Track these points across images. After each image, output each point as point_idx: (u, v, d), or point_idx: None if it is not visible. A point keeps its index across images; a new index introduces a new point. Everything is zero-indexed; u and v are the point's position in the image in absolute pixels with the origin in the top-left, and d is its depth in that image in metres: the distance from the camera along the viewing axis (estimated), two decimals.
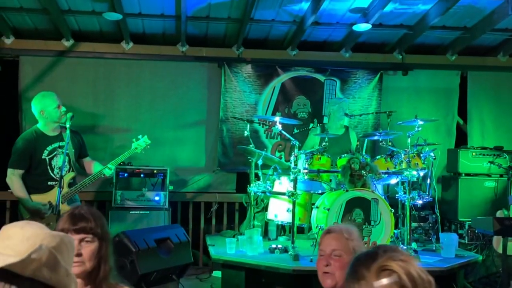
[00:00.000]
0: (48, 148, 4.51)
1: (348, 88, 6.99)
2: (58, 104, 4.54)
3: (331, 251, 2.36)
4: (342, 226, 2.48)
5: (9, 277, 1.22)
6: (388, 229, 4.86)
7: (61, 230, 2.07)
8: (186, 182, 6.77)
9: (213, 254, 5.05)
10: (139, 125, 6.65)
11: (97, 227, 2.09)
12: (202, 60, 6.81)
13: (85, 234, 2.07)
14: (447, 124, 7.17)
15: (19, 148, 4.51)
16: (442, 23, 6.27)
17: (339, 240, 2.37)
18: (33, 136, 4.52)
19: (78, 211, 2.14)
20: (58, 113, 4.52)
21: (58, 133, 4.60)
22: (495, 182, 6.32)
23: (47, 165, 4.49)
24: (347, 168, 5.04)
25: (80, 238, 2.07)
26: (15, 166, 4.48)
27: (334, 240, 2.38)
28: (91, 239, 2.08)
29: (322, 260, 2.36)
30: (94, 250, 2.07)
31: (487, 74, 7.21)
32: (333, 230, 2.42)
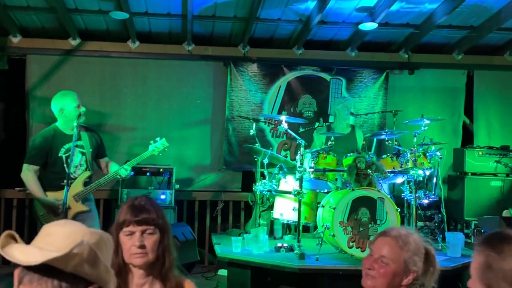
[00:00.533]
0: (65, 146, 4.50)
1: (354, 87, 6.98)
2: (78, 103, 4.54)
3: (380, 256, 2.17)
4: (402, 231, 2.23)
5: (52, 272, 1.24)
6: None
7: (123, 221, 2.07)
8: (192, 180, 6.78)
9: (219, 253, 5.06)
10: (145, 124, 6.69)
11: (158, 218, 2.08)
12: (208, 59, 6.82)
13: (147, 225, 2.06)
14: (453, 124, 7.15)
15: (36, 145, 4.51)
16: (449, 22, 6.25)
17: (391, 248, 2.17)
18: (51, 134, 4.52)
19: (138, 202, 2.11)
20: (77, 112, 4.52)
21: (77, 132, 4.58)
22: (501, 181, 6.30)
23: (63, 163, 4.49)
24: (353, 167, 5.03)
25: (142, 230, 2.06)
26: (31, 161, 4.49)
27: (387, 245, 2.18)
28: (153, 231, 2.07)
29: (368, 260, 2.22)
30: (157, 241, 2.07)
31: (493, 73, 7.18)
32: (389, 234, 2.22)
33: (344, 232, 4.78)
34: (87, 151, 4.61)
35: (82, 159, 4.58)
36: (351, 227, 4.79)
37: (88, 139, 4.64)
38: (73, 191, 4.46)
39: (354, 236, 4.78)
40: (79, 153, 4.56)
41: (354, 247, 4.76)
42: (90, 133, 4.72)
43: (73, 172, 4.52)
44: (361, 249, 4.76)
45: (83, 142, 4.61)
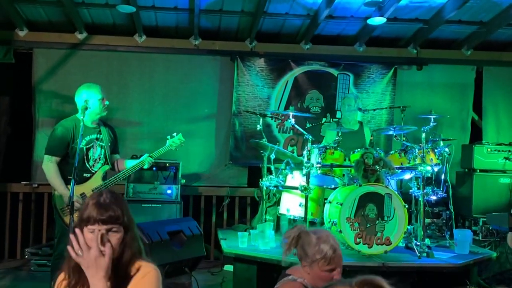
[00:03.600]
0: (86, 138, 4.45)
1: (362, 82, 6.94)
2: (102, 96, 4.51)
3: (342, 266, 2.53)
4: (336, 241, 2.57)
5: None
6: (401, 225, 4.82)
7: (88, 218, 2.05)
8: (198, 175, 6.76)
9: (225, 248, 5.04)
10: (151, 118, 6.68)
11: (123, 216, 2.08)
12: (215, 54, 6.79)
13: (112, 224, 2.06)
14: (462, 120, 7.09)
15: (58, 135, 4.40)
16: (458, 18, 6.19)
17: None
18: (72, 124, 4.42)
19: (104, 200, 2.09)
20: (101, 105, 4.49)
21: (97, 125, 4.56)
22: (510, 178, 6.24)
23: (84, 155, 4.43)
24: (361, 162, 4.98)
25: (108, 228, 2.05)
26: (52, 152, 4.39)
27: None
28: (117, 229, 2.07)
29: (338, 276, 2.47)
30: (120, 238, 2.07)
31: (503, 70, 7.12)
32: (339, 248, 2.53)
33: (351, 228, 4.74)
34: (105, 145, 4.58)
35: (101, 153, 4.55)
36: (358, 223, 4.76)
37: (106, 133, 4.62)
38: (92, 185, 4.42)
39: (361, 232, 4.74)
40: (98, 146, 4.53)
41: (361, 243, 4.72)
42: (108, 128, 4.68)
43: (91, 166, 4.49)
44: (368, 245, 4.73)
45: (102, 135, 4.57)
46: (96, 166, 4.51)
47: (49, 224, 6.41)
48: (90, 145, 4.47)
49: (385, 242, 4.77)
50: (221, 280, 5.36)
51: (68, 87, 6.49)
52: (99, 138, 4.54)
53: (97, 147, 4.51)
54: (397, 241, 4.82)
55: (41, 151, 6.41)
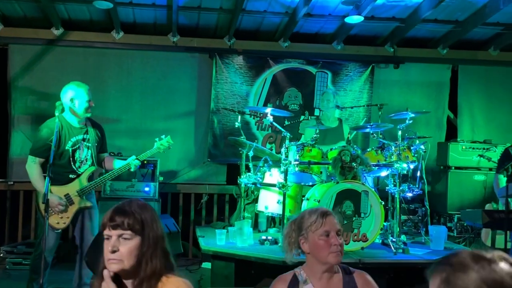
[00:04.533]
0: (73, 139, 4.37)
1: (340, 80, 6.99)
2: (89, 98, 4.43)
3: (336, 231, 2.44)
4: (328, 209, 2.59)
5: None
6: (378, 221, 4.87)
7: (102, 224, 1.96)
8: (176, 173, 6.74)
9: (203, 245, 5.03)
10: (129, 115, 6.64)
11: (136, 223, 1.91)
12: (193, 51, 6.77)
13: (122, 230, 1.91)
14: (438, 118, 7.19)
15: (42, 136, 4.28)
16: (434, 17, 6.27)
17: (337, 220, 2.47)
18: (58, 125, 4.29)
19: (122, 205, 1.97)
20: (87, 105, 4.40)
21: (84, 125, 4.46)
22: (484, 175, 6.35)
23: (70, 156, 4.36)
24: (338, 160, 5.02)
25: (118, 234, 1.91)
26: (36, 154, 4.29)
27: (336, 220, 2.46)
28: (130, 236, 1.91)
29: (334, 239, 2.40)
30: (134, 248, 1.91)
31: (478, 68, 7.24)
32: (331, 212, 2.49)
33: None
34: (92, 145, 4.49)
35: (88, 154, 4.46)
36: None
37: (93, 134, 4.51)
38: (77, 186, 4.35)
39: None
40: (85, 147, 4.43)
41: None
42: (96, 128, 4.58)
43: (78, 167, 4.43)
44: (345, 242, 4.73)
45: (89, 136, 4.47)
46: (82, 167, 4.42)
47: (25, 222, 6.34)
48: (76, 146, 4.38)
49: (362, 239, 4.82)
50: (199, 278, 5.35)
51: (44, 83, 6.45)
52: (86, 138, 4.44)
53: (83, 148, 4.43)
54: (373, 237, 4.87)
55: (16, 148, 6.37)
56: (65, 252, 5.66)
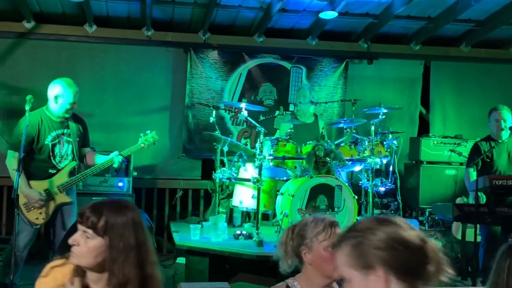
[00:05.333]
0: (52, 133, 4.31)
1: (314, 76, 7.02)
2: (74, 101, 4.35)
3: None
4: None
5: None
6: (351, 216, 4.92)
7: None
8: (151, 168, 6.70)
9: (177, 241, 5.03)
10: (103, 110, 6.56)
11: (100, 224, 1.83)
12: (168, 45, 6.73)
13: (85, 227, 1.85)
14: (410, 113, 7.28)
15: (22, 130, 4.18)
16: (407, 13, 6.34)
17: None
18: (38, 119, 4.26)
19: (97, 202, 1.91)
20: (69, 107, 4.32)
21: (65, 120, 4.39)
22: (455, 170, 6.45)
23: (50, 151, 4.30)
24: (312, 155, 5.06)
25: (82, 230, 1.87)
26: (16, 148, 4.20)
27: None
28: (91, 235, 1.84)
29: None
30: (93, 248, 1.84)
31: (449, 64, 7.34)
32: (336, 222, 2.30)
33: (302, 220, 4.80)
34: (73, 140, 4.42)
35: (69, 149, 4.40)
36: (309, 214, 4.81)
37: (75, 128, 4.45)
38: (58, 181, 4.29)
39: None
40: (65, 142, 4.38)
41: None
42: (77, 123, 4.51)
43: (58, 162, 4.36)
44: None
45: (70, 131, 4.41)
46: (63, 162, 4.37)
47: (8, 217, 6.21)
48: (56, 140, 4.33)
49: None
50: (174, 273, 5.33)
51: (16, 77, 6.34)
52: (66, 133, 4.39)
53: (64, 143, 4.37)
54: None
55: None
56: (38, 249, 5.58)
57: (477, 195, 4.56)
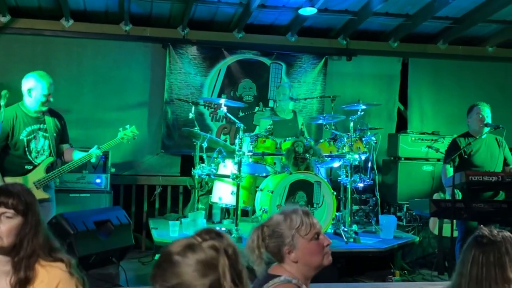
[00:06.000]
0: (27, 128, 4.22)
1: (294, 72, 7.03)
2: (49, 93, 4.26)
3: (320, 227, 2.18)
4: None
5: None
6: (330, 212, 4.95)
7: None
8: (129, 164, 6.64)
9: (156, 237, 5.01)
10: (80, 106, 6.48)
11: (19, 204, 2.02)
12: (146, 40, 6.67)
13: (5, 208, 2.01)
14: (389, 109, 7.34)
15: None
16: (385, 10, 6.37)
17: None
18: (12, 114, 4.17)
19: (5, 186, 2.11)
20: (44, 100, 4.24)
21: (41, 115, 4.31)
22: (432, 166, 6.52)
23: (25, 146, 4.21)
24: (291, 151, 5.08)
25: (1, 212, 2.01)
26: None
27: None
28: (12, 215, 2.02)
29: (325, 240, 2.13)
30: (13, 226, 2.01)
31: (427, 61, 7.41)
32: (308, 209, 2.19)
33: None
34: (50, 135, 4.34)
35: (45, 144, 4.32)
36: None
37: (52, 123, 4.36)
38: (34, 177, 4.21)
39: None
40: (42, 137, 4.29)
41: None
42: (54, 117, 4.42)
43: (34, 157, 4.28)
44: None
45: (47, 126, 4.33)
46: (39, 158, 4.28)
47: None
48: (31, 136, 4.24)
49: None
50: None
51: None
52: (43, 128, 4.30)
53: (40, 138, 4.28)
54: (325, 227, 4.95)
55: None
56: None
57: (454, 191, 4.61)
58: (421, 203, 5.02)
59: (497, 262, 1.95)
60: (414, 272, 5.45)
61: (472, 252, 1.99)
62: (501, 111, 6.23)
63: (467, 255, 2.00)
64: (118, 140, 4.55)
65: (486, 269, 1.95)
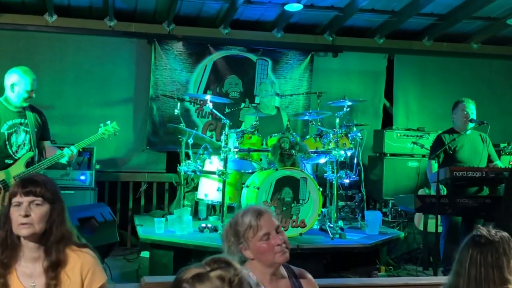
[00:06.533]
0: (8, 122, 4.17)
1: (280, 68, 7.02)
2: (32, 89, 4.20)
3: (276, 228, 2.22)
4: (256, 206, 2.34)
5: None
6: (316, 208, 4.95)
7: (12, 193, 2.11)
8: (114, 161, 6.59)
9: (141, 234, 4.97)
10: (63, 102, 6.43)
11: (47, 192, 2.12)
12: (131, 36, 6.61)
13: (34, 196, 2.09)
14: (374, 106, 7.37)
15: None
16: (371, 6, 6.38)
17: (272, 216, 2.25)
18: None
19: (29, 176, 2.22)
20: (26, 96, 4.18)
21: (22, 109, 4.25)
22: (418, 162, 6.55)
23: (6, 140, 4.15)
24: (277, 147, 5.06)
25: (30, 201, 2.09)
26: None
27: (271, 217, 2.24)
28: (41, 202, 2.10)
29: (276, 239, 2.19)
30: (43, 213, 2.10)
31: (412, 58, 7.45)
32: (265, 210, 2.26)
33: None
34: (31, 130, 4.29)
35: (26, 138, 4.26)
36: (274, 206, 4.83)
37: (33, 118, 4.32)
38: (14, 172, 4.15)
39: (277, 215, 4.82)
40: (23, 131, 4.24)
41: None
42: (35, 113, 4.37)
43: (14, 152, 4.22)
44: (284, 228, 4.80)
45: (28, 120, 4.28)
46: (20, 152, 4.23)
47: None
48: (12, 129, 4.19)
49: (300, 225, 4.89)
50: (137, 267, 5.27)
51: None
52: (23, 123, 4.25)
53: (21, 132, 4.23)
54: (311, 223, 4.95)
55: None
56: None
57: (438, 186, 4.63)
58: (406, 198, 5.05)
59: (495, 263, 1.95)
60: (400, 268, 5.48)
61: (470, 252, 1.97)
62: (486, 108, 6.29)
63: (465, 255, 1.98)
64: (98, 136, 4.51)
65: (484, 269, 1.94)
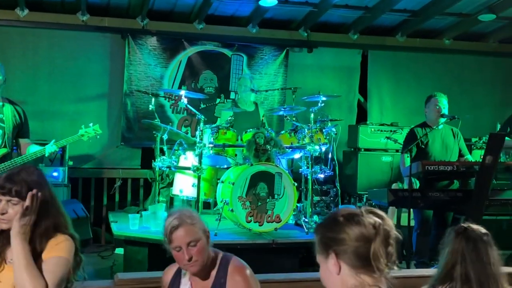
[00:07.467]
0: None
1: (255, 64, 7.02)
2: (5, 78, 4.12)
3: (187, 243, 2.31)
4: (182, 215, 2.37)
5: None
6: (291, 203, 4.97)
7: None
8: (88, 157, 6.52)
9: (115, 231, 4.93)
10: (36, 98, 6.33)
11: (23, 191, 2.11)
12: (104, 31, 6.55)
13: (9, 196, 2.11)
14: (349, 101, 7.43)
15: None
16: (345, 2, 6.43)
17: (188, 231, 2.33)
18: None
19: (11, 173, 2.18)
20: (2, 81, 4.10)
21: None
22: (391, 157, 6.63)
23: None
24: (252, 142, 5.06)
25: (6, 200, 2.12)
26: None
27: (184, 232, 2.32)
28: (17, 202, 2.11)
29: (182, 255, 2.31)
30: (19, 212, 2.10)
31: (386, 54, 7.53)
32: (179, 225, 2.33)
33: (243, 207, 4.82)
34: (7, 126, 4.19)
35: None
36: (249, 202, 4.84)
37: (10, 113, 4.21)
38: None
39: (252, 210, 4.83)
40: None
41: (252, 222, 4.82)
42: (14, 108, 4.27)
43: None
44: (259, 223, 4.83)
45: (4, 116, 4.18)
46: None
47: None
48: None
49: (275, 220, 4.90)
50: (112, 264, 5.23)
51: None
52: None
53: None
54: (286, 218, 4.97)
55: None
56: None
57: (411, 180, 4.69)
58: (380, 192, 5.10)
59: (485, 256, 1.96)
60: None
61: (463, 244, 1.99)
62: (457, 103, 6.38)
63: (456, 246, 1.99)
64: (77, 137, 4.42)
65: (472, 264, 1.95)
